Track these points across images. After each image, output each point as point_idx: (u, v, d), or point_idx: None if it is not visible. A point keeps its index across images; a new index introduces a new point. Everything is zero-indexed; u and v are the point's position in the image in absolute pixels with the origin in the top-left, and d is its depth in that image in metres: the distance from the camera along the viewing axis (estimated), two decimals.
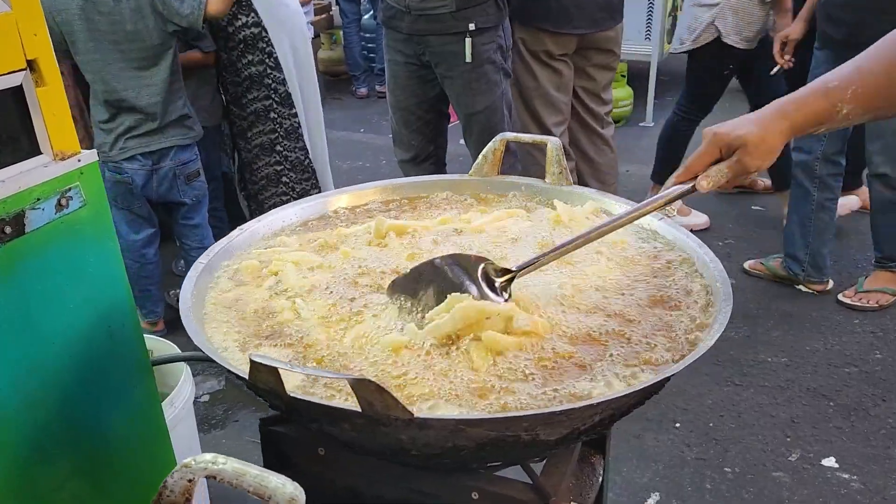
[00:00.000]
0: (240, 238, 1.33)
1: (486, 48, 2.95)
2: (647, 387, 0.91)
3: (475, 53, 2.90)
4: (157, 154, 2.79)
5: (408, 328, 1.04)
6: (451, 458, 0.93)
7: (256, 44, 3.15)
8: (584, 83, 3.37)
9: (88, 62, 2.67)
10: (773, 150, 1.08)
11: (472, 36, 2.88)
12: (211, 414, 2.73)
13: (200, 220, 3.10)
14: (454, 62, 2.95)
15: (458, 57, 2.92)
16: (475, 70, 2.96)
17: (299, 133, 3.34)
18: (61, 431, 1.26)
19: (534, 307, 1.10)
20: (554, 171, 1.50)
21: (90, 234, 1.28)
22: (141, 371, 1.44)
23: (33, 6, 1.14)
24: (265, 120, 3.23)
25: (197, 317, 1.09)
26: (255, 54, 3.15)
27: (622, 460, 2.44)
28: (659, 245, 1.32)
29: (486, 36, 2.94)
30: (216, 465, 0.67)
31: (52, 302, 1.22)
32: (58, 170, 1.20)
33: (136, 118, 2.73)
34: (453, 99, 3.10)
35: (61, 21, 2.60)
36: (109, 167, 2.78)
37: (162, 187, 2.87)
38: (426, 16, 2.90)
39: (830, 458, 2.43)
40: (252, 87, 3.19)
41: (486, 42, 2.95)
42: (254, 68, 3.15)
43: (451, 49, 2.93)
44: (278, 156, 3.29)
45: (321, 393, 0.95)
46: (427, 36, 2.94)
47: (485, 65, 2.97)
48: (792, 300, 3.33)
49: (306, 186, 3.39)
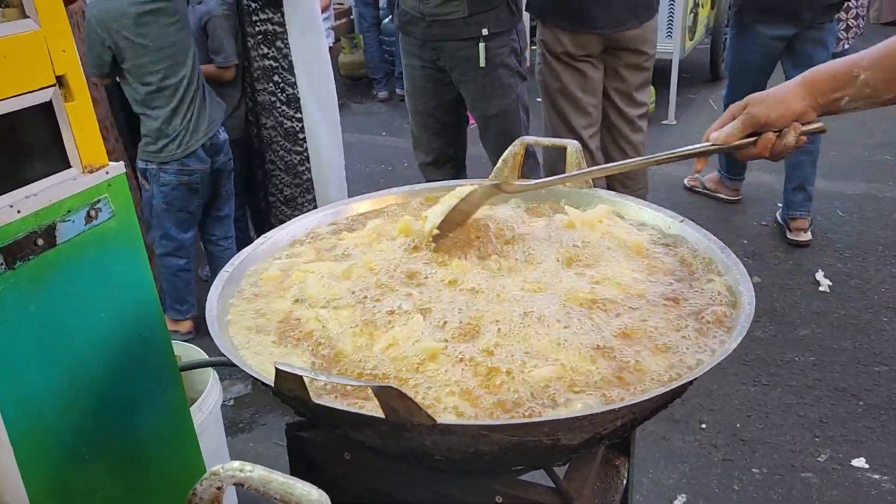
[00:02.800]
0: (263, 246, 1.35)
1: (500, 52, 2.97)
2: (668, 391, 0.91)
3: (489, 58, 2.92)
4: (213, 148, 2.94)
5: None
6: (474, 462, 0.94)
7: (274, 41, 3.22)
8: (615, 84, 3.31)
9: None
10: (782, 101, 1.14)
11: (485, 41, 2.90)
12: (238, 418, 2.77)
13: (229, 211, 3.21)
14: (468, 67, 2.96)
15: (471, 62, 2.94)
16: (489, 74, 2.97)
17: (299, 137, 3.36)
18: (95, 435, 1.29)
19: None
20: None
21: (119, 245, 1.31)
22: (170, 376, 1.47)
23: (62, 23, 1.17)
24: (269, 115, 3.29)
25: (222, 324, 1.11)
26: (270, 49, 3.22)
27: (649, 461, 2.43)
28: (680, 247, 1.32)
29: (499, 40, 2.95)
30: (243, 473, 0.69)
31: (84, 311, 1.25)
32: (87, 182, 1.23)
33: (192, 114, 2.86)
34: (469, 103, 3.12)
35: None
36: (170, 172, 2.87)
37: (219, 182, 3.04)
38: (440, 21, 2.92)
39: (860, 458, 2.40)
40: (261, 78, 3.25)
41: (500, 46, 2.96)
42: (266, 62, 3.22)
43: (465, 54, 2.94)
44: (274, 154, 3.34)
45: (348, 398, 0.96)
46: (441, 42, 2.96)
47: (499, 69, 2.98)
48: (819, 298, 3.29)
49: (296, 192, 3.41)
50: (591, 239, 1.30)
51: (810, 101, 1.15)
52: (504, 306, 1.11)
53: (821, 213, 4.06)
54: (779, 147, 1.18)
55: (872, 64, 1.12)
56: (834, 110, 1.18)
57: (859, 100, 1.15)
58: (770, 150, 1.18)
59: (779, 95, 1.17)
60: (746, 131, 1.19)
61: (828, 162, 4.60)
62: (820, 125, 1.20)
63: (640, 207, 1.44)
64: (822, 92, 1.15)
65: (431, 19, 2.93)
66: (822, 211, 4.08)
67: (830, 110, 1.18)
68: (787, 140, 1.17)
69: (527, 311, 1.09)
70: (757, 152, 1.20)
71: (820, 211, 4.08)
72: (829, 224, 3.95)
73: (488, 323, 1.08)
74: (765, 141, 1.18)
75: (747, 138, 1.20)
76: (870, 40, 3.64)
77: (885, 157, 4.73)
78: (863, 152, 4.76)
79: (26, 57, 1.12)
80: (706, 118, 5.44)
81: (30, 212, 1.13)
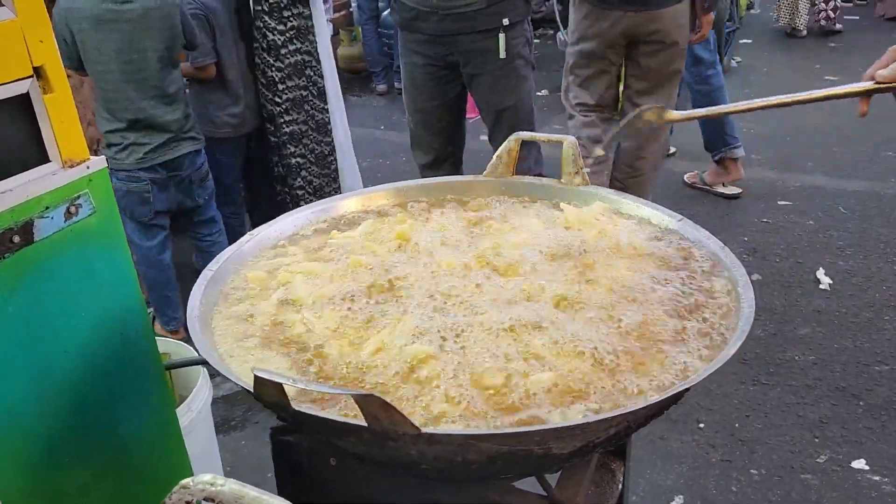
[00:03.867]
0: (249, 244, 1.31)
1: (517, 42, 2.94)
2: (663, 399, 0.87)
3: (508, 49, 2.88)
4: (174, 163, 2.79)
5: None
6: (463, 471, 0.91)
7: (307, 35, 3.20)
8: (633, 75, 3.26)
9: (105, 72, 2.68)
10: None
11: (505, 31, 2.86)
12: (231, 415, 2.74)
13: (213, 213, 3.13)
14: (484, 59, 2.91)
15: (489, 54, 2.89)
16: (507, 66, 2.93)
17: (328, 129, 3.36)
18: (75, 438, 1.26)
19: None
20: (570, 171, 1.46)
21: (100, 242, 1.27)
22: (155, 376, 1.43)
23: (39, 12, 1.13)
24: (299, 110, 3.26)
25: (204, 326, 1.08)
26: (304, 44, 3.22)
27: (646, 462, 2.40)
28: (679, 246, 1.28)
29: (516, 30, 2.92)
30: (214, 487, 0.65)
31: (64, 310, 1.21)
32: (66, 177, 1.19)
33: (151, 128, 2.74)
34: (481, 97, 3.06)
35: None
36: (119, 177, 2.74)
37: (180, 194, 2.87)
38: (454, 14, 2.85)
39: (860, 459, 2.37)
40: (293, 74, 3.23)
41: (517, 36, 2.93)
42: (299, 56, 3.21)
43: (482, 46, 2.89)
44: (304, 148, 3.31)
45: (332, 404, 0.93)
46: (456, 35, 2.90)
47: (516, 60, 2.95)
48: (820, 296, 3.25)
49: (323, 182, 3.40)
50: (587, 238, 1.26)
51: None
52: (496, 310, 1.07)
53: (822, 209, 4.02)
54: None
55: None
56: None
57: None
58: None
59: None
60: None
61: (830, 158, 4.57)
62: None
63: (639, 205, 1.40)
64: None
65: (445, 12, 2.85)
66: (823, 208, 4.04)
67: None
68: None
69: (520, 315, 1.06)
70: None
71: (822, 208, 4.04)
72: (830, 221, 3.91)
73: (480, 327, 1.04)
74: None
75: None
76: (874, 35, 3.62)
77: (888, 154, 4.69)
78: (866, 149, 4.72)
79: (1, 47, 1.08)
80: None
81: (5, 208, 1.09)
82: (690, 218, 1.34)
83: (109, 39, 2.61)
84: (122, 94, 2.67)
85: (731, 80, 6.53)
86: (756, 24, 8.57)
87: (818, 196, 4.18)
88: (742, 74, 6.73)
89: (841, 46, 7.36)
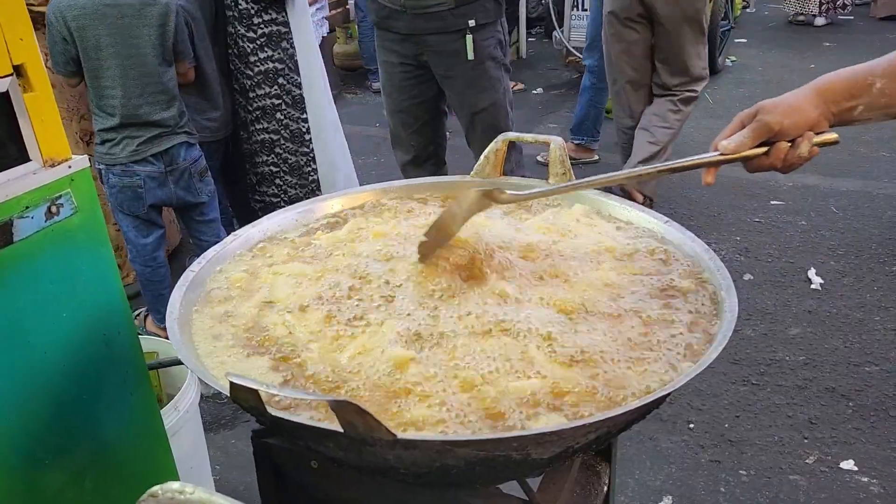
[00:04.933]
0: (234, 244, 1.30)
1: (487, 44, 2.91)
2: (642, 405, 0.87)
3: (476, 50, 2.85)
4: (168, 154, 2.78)
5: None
6: (442, 476, 0.90)
7: (280, 42, 3.14)
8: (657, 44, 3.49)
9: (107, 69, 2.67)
10: (796, 109, 1.08)
11: (472, 32, 2.83)
12: (221, 413, 2.73)
13: (216, 215, 3.10)
14: (454, 61, 2.89)
15: (458, 55, 2.87)
16: (477, 67, 2.91)
17: (305, 138, 3.30)
18: (55, 440, 1.25)
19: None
20: (557, 172, 1.46)
21: (83, 242, 1.26)
22: (137, 377, 1.42)
23: (19, 10, 1.12)
24: (270, 118, 3.20)
25: (183, 327, 1.07)
26: (276, 51, 3.14)
27: (635, 462, 2.40)
28: (664, 249, 1.27)
29: (486, 32, 2.89)
30: (183, 496, 0.65)
31: (45, 311, 1.21)
32: (47, 177, 1.19)
33: (146, 125, 2.72)
34: (455, 99, 3.04)
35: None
36: (115, 172, 2.74)
37: (179, 188, 2.85)
38: (424, 14, 2.83)
39: (849, 460, 2.37)
40: (264, 82, 3.16)
41: (487, 38, 2.90)
42: (271, 65, 3.14)
43: (451, 47, 2.87)
44: (277, 157, 3.26)
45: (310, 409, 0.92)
46: (426, 35, 2.88)
47: (486, 61, 2.92)
48: (811, 296, 3.25)
49: (300, 193, 3.35)
50: (567, 242, 1.25)
51: (823, 110, 1.09)
52: (479, 314, 1.07)
53: (815, 209, 4.02)
54: (791, 157, 1.10)
55: (888, 72, 1.05)
56: (847, 120, 1.11)
57: (874, 110, 1.08)
58: (783, 161, 1.11)
59: (791, 102, 1.09)
60: (758, 140, 1.11)
61: (823, 158, 4.54)
62: (834, 136, 1.12)
63: (625, 207, 1.39)
64: (836, 100, 1.08)
65: (415, 12, 2.84)
66: (816, 208, 4.04)
67: (844, 120, 1.11)
68: (800, 150, 1.09)
69: (502, 320, 1.05)
70: (769, 163, 1.12)
71: (814, 208, 4.04)
72: (822, 221, 3.91)
73: (462, 332, 1.04)
74: (778, 151, 1.10)
75: (758, 148, 1.12)
76: (868, 34, 3.61)
77: (881, 154, 4.69)
78: (859, 149, 4.73)
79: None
80: (703, 112, 5.40)
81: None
82: (682, 217, 1.33)
83: (107, 34, 2.60)
84: (119, 91, 2.66)
85: (726, 79, 6.54)
86: (751, 24, 8.57)
87: (811, 196, 4.18)
88: (736, 73, 6.73)
89: (835, 46, 7.37)
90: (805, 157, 1.10)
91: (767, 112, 1.10)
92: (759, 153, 1.12)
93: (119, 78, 2.64)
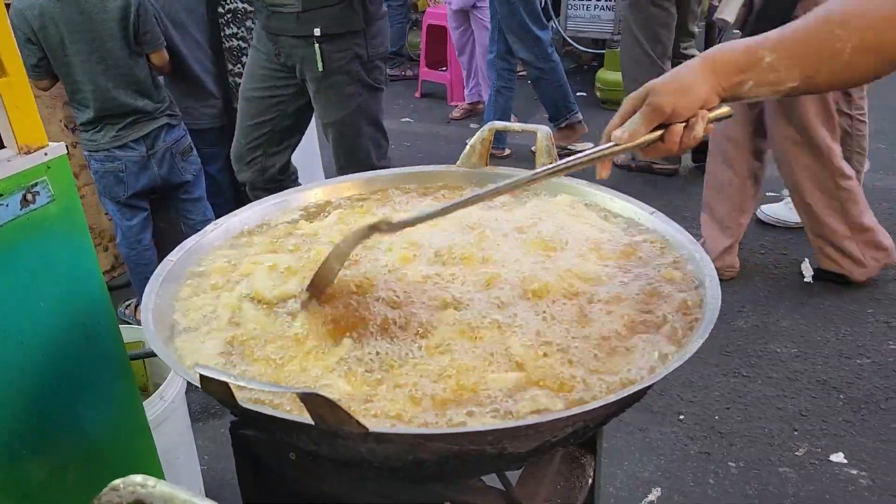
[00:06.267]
0: (213, 234, 1.29)
1: (340, 57, 2.65)
2: (619, 399, 0.86)
3: (325, 61, 2.63)
4: (150, 138, 2.78)
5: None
6: (416, 470, 0.89)
7: (244, 21, 3.15)
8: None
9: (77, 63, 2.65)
10: (686, 86, 1.01)
11: (318, 42, 2.60)
12: (210, 403, 2.71)
13: (201, 193, 3.10)
14: (306, 67, 2.69)
15: (309, 63, 2.66)
16: (326, 80, 2.68)
17: None
18: (34, 432, 1.24)
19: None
20: (544, 162, 1.44)
21: (60, 230, 1.24)
22: (119, 367, 1.41)
23: None
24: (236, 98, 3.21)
25: (158, 317, 1.05)
26: (240, 29, 3.16)
27: (624, 453, 2.39)
28: (648, 240, 1.26)
29: (338, 44, 2.63)
30: (145, 489, 0.63)
31: (21, 301, 1.19)
32: (23, 164, 1.17)
33: (125, 114, 2.73)
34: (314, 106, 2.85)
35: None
36: (98, 158, 2.75)
37: (163, 170, 2.86)
38: (277, 14, 2.65)
39: (839, 453, 2.36)
40: (229, 60, 3.17)
41: (340, 50, 2.65)
42: (235, 42, 3.16)
43: (302, 53, 2.66)
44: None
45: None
46: (279, 36, 2.69)
47: (336, 75, 2.67)
48: (803, 288, 3.24)
49: None
50: (549, 230, 1.24)
51: (713, 84, 1.02)
52: (459, 305, 1.05)
53: None
54: (687, 139, 1.04)
55: (777, 45, 0.99)
56: (737, 95, 1.04)
57: (763, 86, 1.01)
58: (679, 144, 1.04)
59: (681, 80, 1.02)
60: (652, 125, 1.04)
61: None
62: (727, 109, 1.06)
63: (611, 197, 1.38)
64: (725, 72, 1.01)
65: (270, 10, 2.66)
66: None
67: (734, 95, 1.04)
68: (695, 131, 1.03)
69: (481, 310, 1.04)
70: (665, 148, 1.05)
71: None
72: None
73: (440, 322, 1.02)
74: (673, 134, 1.03)
75: (653, 132, 1.04)
76: None
77: (877, 146, 4.67)
78: None
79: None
80: None
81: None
82: (675, 208, 1.31)
83: (70, 30, 2.58)
84: (89, 86, 2.66)
85: None
86: None
87: None
88: None
89: None
90: (700, 138, 1.05)
91: (657, 93, 1.02)
92: (654, 138, 1.05)
93: (87, 73, 2.65)
